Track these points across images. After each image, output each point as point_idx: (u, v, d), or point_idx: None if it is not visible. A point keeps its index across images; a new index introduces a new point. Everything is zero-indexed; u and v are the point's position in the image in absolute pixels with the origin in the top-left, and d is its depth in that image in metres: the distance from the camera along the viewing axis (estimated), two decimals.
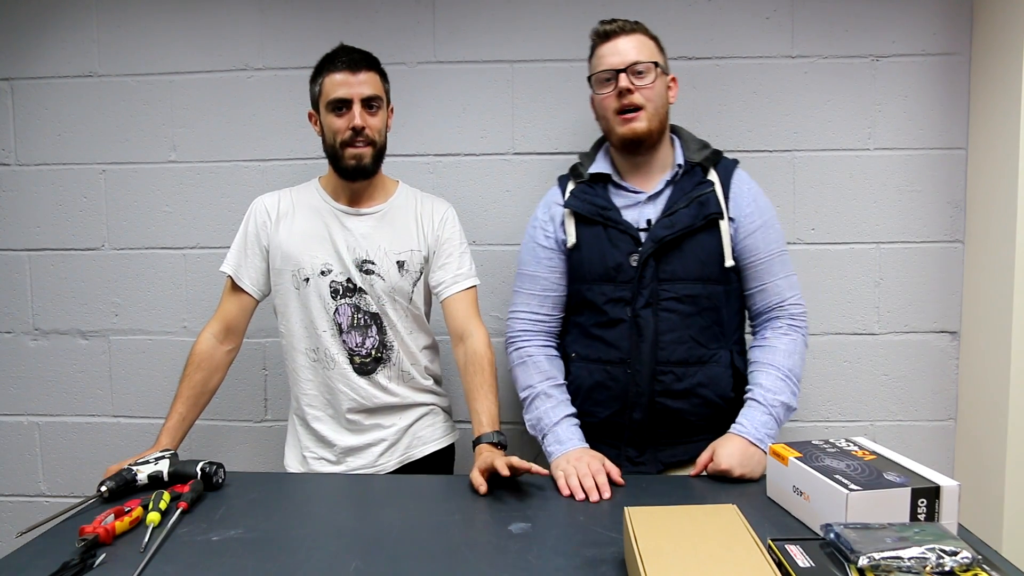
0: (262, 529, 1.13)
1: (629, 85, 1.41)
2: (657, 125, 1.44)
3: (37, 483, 2.06)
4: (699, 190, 1.44)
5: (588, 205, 1.48)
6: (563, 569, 0.99)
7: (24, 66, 1.96)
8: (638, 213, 1.47)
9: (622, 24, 1.45)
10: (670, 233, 1.41)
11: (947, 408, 1.91)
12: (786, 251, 1.50)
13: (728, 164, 1.51)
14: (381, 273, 1.52)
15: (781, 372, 1.42)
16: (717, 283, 1.44)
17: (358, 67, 1.45)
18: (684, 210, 1.42)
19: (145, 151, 1.96)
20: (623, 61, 1.42)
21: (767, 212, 1.48)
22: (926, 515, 1.01)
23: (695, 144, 1.52)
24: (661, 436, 1.46)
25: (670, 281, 1.42)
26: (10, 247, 2.01)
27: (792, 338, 1.46)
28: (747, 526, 0.92)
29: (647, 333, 1.42)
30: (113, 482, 1.25)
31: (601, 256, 1.46)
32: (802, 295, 1.51)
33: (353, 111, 1.44)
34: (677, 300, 1.42)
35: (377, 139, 1.48)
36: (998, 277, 1.72)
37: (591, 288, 1.48)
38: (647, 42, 1.45)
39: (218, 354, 1.54)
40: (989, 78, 1.76)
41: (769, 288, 1.48)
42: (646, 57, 1.43)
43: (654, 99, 1.43)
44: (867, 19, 1.84)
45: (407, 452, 1.57)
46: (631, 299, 1.43)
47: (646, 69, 1.42)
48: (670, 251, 1.42)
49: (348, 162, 1.47)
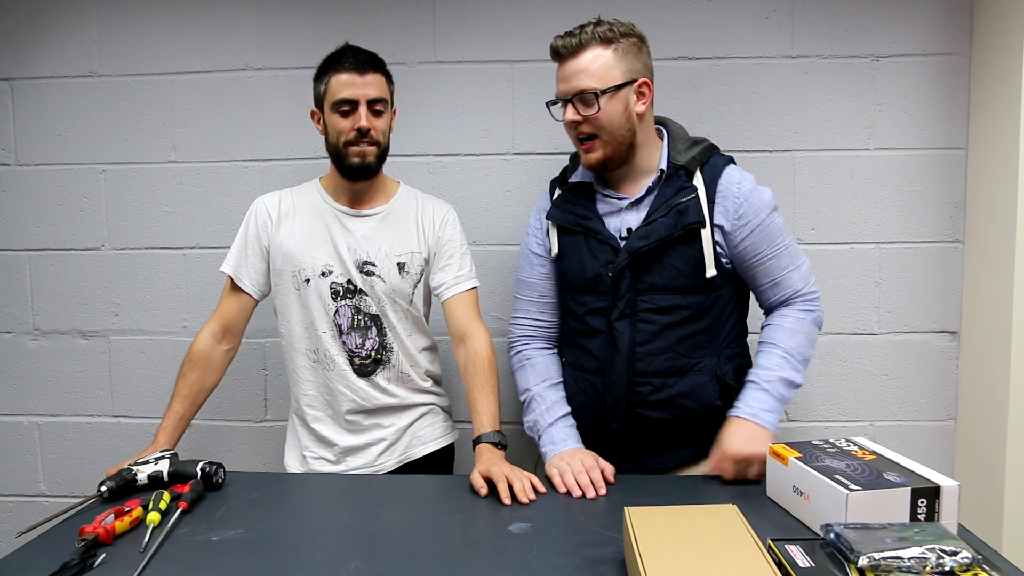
0: (262, 529, 1.13)
1: (576, 117, 1.36)
2: (614, 150, 1.38)
3: (37, 483, 2.06)
4: (679, 197, 1.37)
5: (568, 215, 1.46)
6: (563, 569, 0.99)
7: (24, 66, 1.96)
8: (620, 221, 1.43)
9: (570, 43, 1.34)
10: (645, 244, 1.36)
11: (947, 408, 1.91)
12: (792, 242, 1.43)
13: (717, 163, 1.42)
14: (381, 275, 1.52)
15: (781, 350, 1.38)
16: (699, 292, 1.39)
17: (365, 68, 1.44)
18: (662, 219, 1.36)
19: (145, 151, 1.96)
20: (569, 89, 1.36)
21: (763, 210, 1.40)
22: (926, 515, 1.01)
23: (683, 143, 1.44)
24: (643, 445, 1.45)
25: (648, 292, 1.39)
26: (10, 247, 2.01)
27: (799, 317, 1.41)
28: (747, 526, 0.92)
29: (622, 345, 1.40)
30: (113, 482, 1.25)
31: (581, 266, 1.44)
32: (816, 281, 1.46)
33: (359, 112, 1.44)
34: (656, 311, 1.39)
35: (381, 140, 1.48)
36: (998, 277, 1.72)
37: (574, 298, 1.48)
38: (600, 58, 1.33)
39: (216, 354, 1.54)
40: (989, 78, 1.76)
41: (781, 282, 1.43)
42: (595, 82, 1.33)
43: (606, 125, 1.35)
44: (867, 19, 1.84)
45: (407, 452, 1.57)
46: (608, 310, 1.42)
47: (591, 99, 1.33)
48: (648, 261, 1.38)
49: (352, 160, 1.47)
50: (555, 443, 1.41)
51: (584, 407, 1.48)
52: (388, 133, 1.52)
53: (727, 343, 1.45)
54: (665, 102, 1.82)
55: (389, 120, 1.52)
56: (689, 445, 1.44)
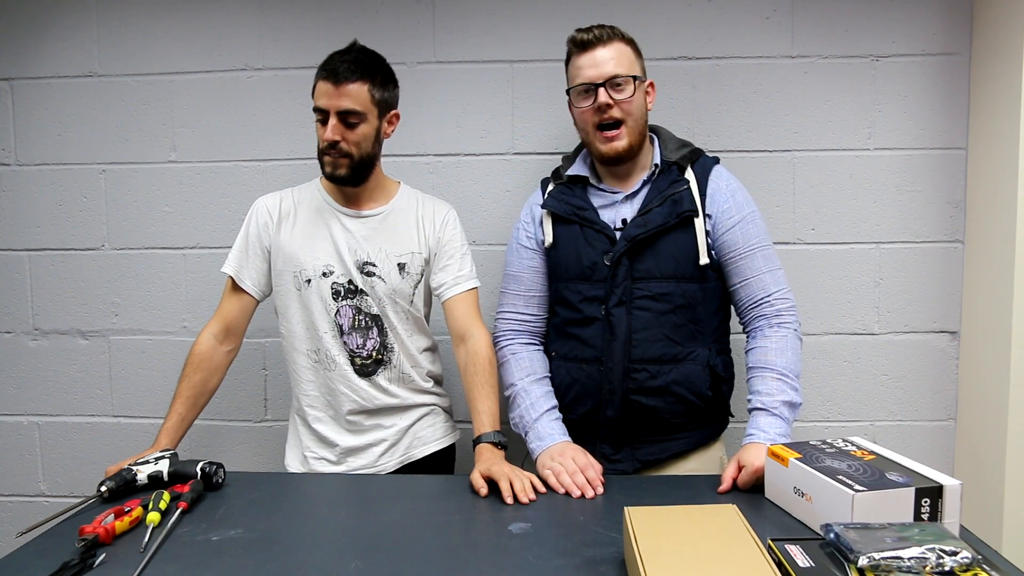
0: (262, 529, 1.13)
1: (608, 100, 1.40)
2: (636, 138, 1.44)
3: (37, 483, 2.06)
4: (673, 188, 1.43)
5: (565, 205, 1.49)
6: (563, 569, 0.99)
7: (24, 66, 1.96)
8: (615, 213, 1.47)
9: (599, 33, 1.42)
10: (643, 232, 1.41)
11: (947, 408, 1.91)
12: (770, 246, 1.48)
13: (706, 162, 1.50)
14: (382, 275, 1.52)
15: (775, 372, 1.40)
16: (692, 281, 1.43)
17: (342, 79, 1.40)
18: (658, 208, 1.42)
19: (145, 151, 1.96)
20: (601, 74, 1.40)
21: (746, 207, 1.46)
22: (929, 515, 1.00)
23: (673, 144, 1.51)
24: (637, 434, 1.46)
25: (644, 280, 1.42)
26: (10, 247, 2.01)
27: (781, 334, 1.43)
28: (747, 526, 0.92)
29: (619, 331, 1.43)
30: (113, 482, 1.25)
31: (577, 255, 1.47)
32: (790, 290, 1.48)
33: (328, 124, 1.42)
34: (651, 298, 1.42)
35: (355, 152, 1.45)
36: (998, 277, 1.72)
37: (567, 287, 1.50)
38: (625, 51, 1.43)
39: (217, 355, 1.54)
40: (989, 78, 1.76)
41: (752, 283, 1.45)
42: (625, 70, 1.41)
43: (633, 112, 1.42)
44: (867, 19, 1.84)
45: (408, 452, 1.57)
46: (605, 297, 1.44)
47: (625, 82, 1.41)
48: (644, 249, 1.42)
49: (326, 169, 1.47)
50: (542, 439, 1.42)
51: (578, 397, 1.49)
52: (371, 142, 1.47)
53: (716, 336, 1.49)
54: (665, 102, 1.82)
55: (373, 128, 1.46)
56: (680, 435, 1.47)
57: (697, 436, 1.50)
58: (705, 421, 1.49)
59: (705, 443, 1.52)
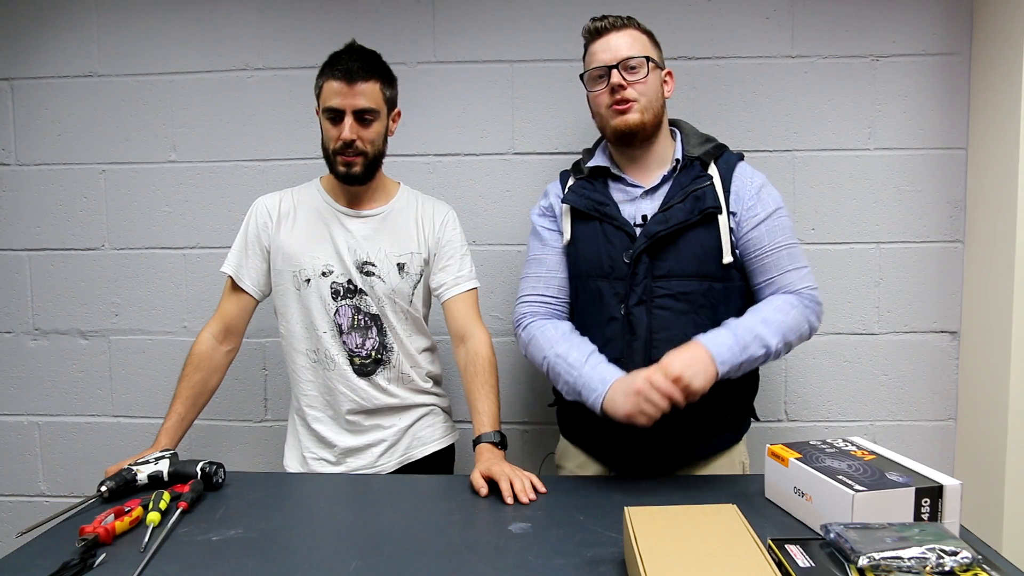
0: (262, 529, 1.13)
1: (621, 81, 1.39)
2: (651, 118, 1.41)
3: (37, 483, 2.06)
4: (696, 184, 1.39)
5: (585, 200, 1.46)
6: (563, 569, 0.99)
7: (24, 66, 1.96)
8: (635, 208, 1.44)
9: (613, 20, 1.42)
10: (664, 228, 1.36)
11: (947, 408, 1.91)
12: (796, 245, 1.42)
13: (731, 158, 1.46)
14: (381, 275, 1.52)
15: (759, 316, 1.33)
16: (715, 280, 1.38)
17: (355, 77, 1.41)
18: (680, 205, 1.38)
19: (145, 151, 1.96)
20: (614, 57, 1.40)
21: (772, 204, 1.41)
22: (929, 515, 1.01)
23: (696, 139, 1.48)
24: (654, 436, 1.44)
25: (665, 278, 1.38)
26: (10, 247, 2.01)
27: (792, 302, 1.36)
28: (747, 526, 0.92)
29: (640, 331, 1.38)
30: (113, 482, 1.25)
31: (596, 252, 1.43)
32: (818, 288, 1.41)
33: (344, 124, 1.42)
34: (672, 297, 1.38)
35: (369, 150, 1.46)
36: (998, 277, 1.72)
37: (587, 284, 1.46)
38: (639, 37, 1.43)
39: (217, 355, 1.54)
40: (989, 78, 1.76)
41: (778, 281, 1.39)
42: (638, 52, 1.40)
43: (647, 93, 1.41)
44: (867, 19, 1.84)
45: (407, 452, 1.57)
46: (624, 296, 1.40)
47: (638, 64, 1.40)
48: (665, 247, 1.37)
49: (339, 169, 1.47)
50: (594, 389, 1.30)
51: None
52: (381, 140, 1.50)
53: None
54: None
55: (382, 128, 1.49)
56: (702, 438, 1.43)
57: (718, 439, 1.46)
58: (727, 424, 1.44)
59: (727, 446, 1.48)
